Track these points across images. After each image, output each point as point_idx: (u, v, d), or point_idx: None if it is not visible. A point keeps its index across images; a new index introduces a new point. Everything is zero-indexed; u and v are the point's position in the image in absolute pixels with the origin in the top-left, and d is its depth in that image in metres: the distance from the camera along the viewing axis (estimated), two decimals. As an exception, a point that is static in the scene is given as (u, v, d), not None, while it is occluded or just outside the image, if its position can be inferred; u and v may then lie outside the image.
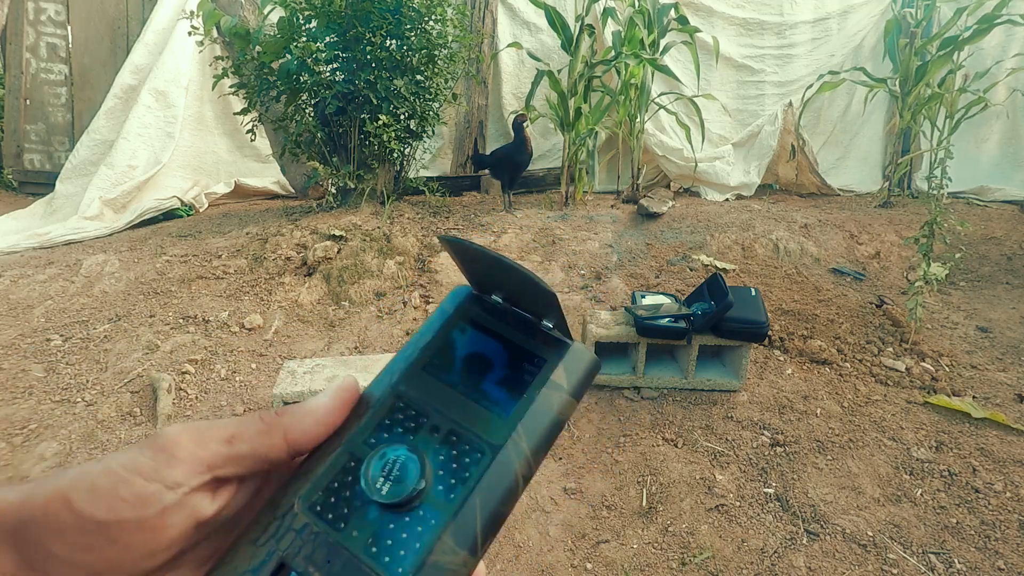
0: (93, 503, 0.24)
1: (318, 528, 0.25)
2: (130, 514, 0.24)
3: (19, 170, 4.84)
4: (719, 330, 2.06)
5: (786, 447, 1.90)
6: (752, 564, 1.49)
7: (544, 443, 0.27)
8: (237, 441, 0.26)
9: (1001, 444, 1.91)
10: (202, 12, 3.56)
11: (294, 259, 3.00)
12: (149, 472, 0.24)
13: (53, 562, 0.23)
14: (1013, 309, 2.94)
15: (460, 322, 0.30)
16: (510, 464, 0.26)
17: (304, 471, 0.27)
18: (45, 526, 0.24)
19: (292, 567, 0.24)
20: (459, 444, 0.27)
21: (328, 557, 0.24)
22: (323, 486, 0.26)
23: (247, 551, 0.25)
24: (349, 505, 0.25)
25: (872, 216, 3.84)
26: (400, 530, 0.25)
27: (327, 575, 0.24)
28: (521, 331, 0.30)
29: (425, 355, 0.29)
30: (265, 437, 0.27)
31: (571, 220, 3.64)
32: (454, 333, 0.30)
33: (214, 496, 0.26)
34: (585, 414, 2.05)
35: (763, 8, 4.76)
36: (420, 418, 0.27)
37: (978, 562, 1.49)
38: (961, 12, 4.02)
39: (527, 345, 0.29)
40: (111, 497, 0.24)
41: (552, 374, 0.28)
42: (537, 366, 0.29)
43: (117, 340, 2.39)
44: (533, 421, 0.27)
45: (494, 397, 0.28)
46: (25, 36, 4.65)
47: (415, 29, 3.37)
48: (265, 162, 4.68)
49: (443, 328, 0.30)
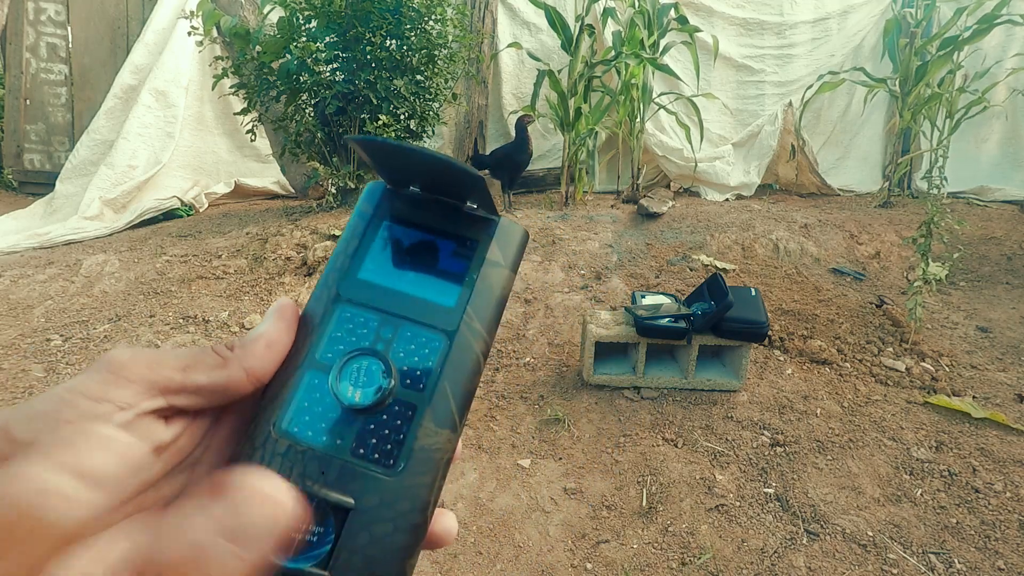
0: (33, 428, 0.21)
1: (302, 446, 0.25)
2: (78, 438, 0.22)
3: (19, 170, 4.84)
4: (719, 330, 2.06)
5: (786, 447, 1.90)
6: (752, 564, 1.49)
7: (494, 319, 0.28)
8: (192, 371, 0.25)
9: (1001, 444, 1.91)
10: (202, 12, 3.57)
11: (294, 259, 3.00)
12: (97, 393, 0.23)
13: None
14: (1013, 309, 2.94)
15: (383, 220, 0.30)
16: (468, 344, 0.27)
17: (270, 398, 0.26)
18: None
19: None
20: (415, 338, 0.27)
21: (321, 469, 0.24)
22: (295, 407, 0.26)
23: None
24: (325, 419, 0.25)
25: (872, 216, 3.84)
26: (381, 428, 0.25)
27: (324, 485, 0.24)
28: (446, 217, 0.30)
29: (357, 261, 0.29)
30: (223, 370, 0.25)
31: (571, 220, 3.64)
32: (380, 233, 0.30)
33: (168, 424, 0.25)
34: (585, 414, 2.05)
35: (763, 8, 4.76)
36: (370, 323, 0.27)
37: (978, 562, 1.49)
38: (961, 12, 4.02)
39: (455, 229, 0.29)
40: (52, 420, 0.22)
41: (488, 252, 0.29)
42: (471, 248, 0.29)
43: (117, 340, 2.39)
44: (480, 300, 0.28)
45: (437, 287, 0.28)
46: (25, 36, 4.65)
47: (415, 29, 3.37)
48: (265, 162, 4.68)
49: (367, 230, 0.30)
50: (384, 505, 0.24)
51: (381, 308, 0.28)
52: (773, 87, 4.78)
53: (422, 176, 0.29)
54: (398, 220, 0.30)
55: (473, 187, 0.28)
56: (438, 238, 0.30)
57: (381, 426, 0.25)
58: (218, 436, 0.27)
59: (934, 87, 4.19)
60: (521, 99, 4.66)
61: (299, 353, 0.27)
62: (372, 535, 0.24)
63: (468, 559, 1.50)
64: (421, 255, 0.29)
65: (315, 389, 0.26)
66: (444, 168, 0.27)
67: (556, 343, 2.48)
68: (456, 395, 0.27)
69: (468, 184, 0.28)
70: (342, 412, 0.26)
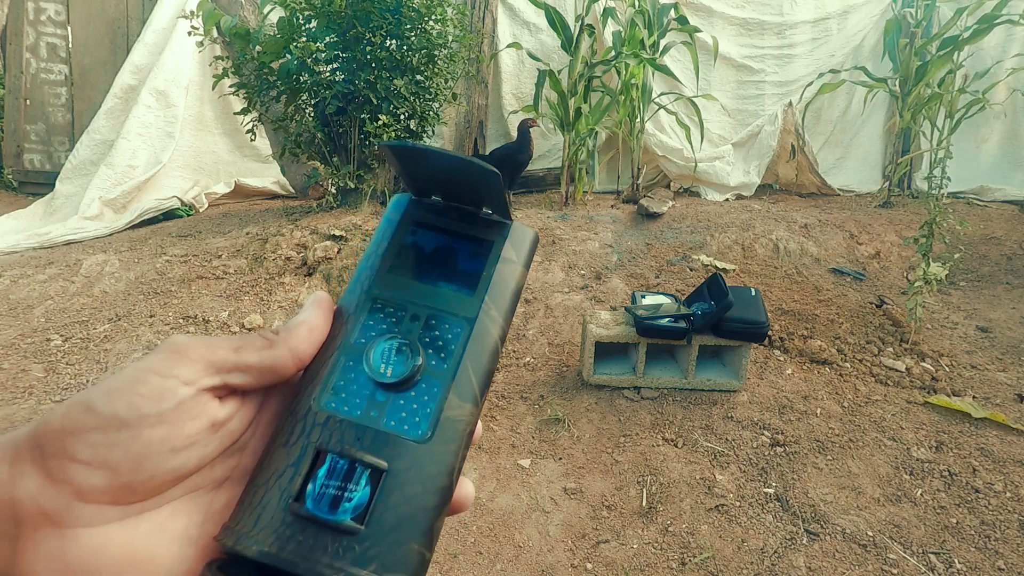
0: (113, 402, 0.25)
1: (340, 418, 0.28)
2: (150, 408, 0.25)
3: (19, 170, 4.84)
4: (719, 330, 2.06)
5: (786, 447, 1.90)
6: (752, 564, 1.49)
7: (510, 308, 0.32)
8: (243, 351, 0.28)
9: (1001, 444, 1.91)
10: (202, 12, 3.56)
11: (294, 259, 3.00)
12: (164, 370, 0.26)
13: (76, 468, 0.24)
14: (1013, 309, 2.94)
15: (409, 226, 0.33)
16: (487, 329, 0.30)
17: (309, 378, 0.29)
18: (67, 431, 0.24)
19: (329, 451, 0.27)
20: (439, 324, 0.30)
21: (357, 436, 0.27)
22: (332, 385, 0.29)
23: (281, 453, 0.27)
24: (360, 395, 0.28)
25: (872, 216, 3.84)
26: (411, 402, 0.28)
27: (361, 449, 0.27)
28: (465, 222, 0.33)
29: (386, 261, 0.32)
30: (270, 350, 0.28)
31: (571, 220, 3.64)
32: (406, 238, 0.33)
33: (222, 403, 0.28)
34: (585, 414, 2.05)
35: (763, 8, 4.76)
36: (399, 312, 0.31)
37: (978, 562, 1.49)
38: (961, 12, 4.02)
39: (474, 232, 0.33)
40: (130, 394, 0.25)
41: (502, 251, 0.32)
42: (487, 248, 0.32)
43: (117, 340, 2.39)
44: (497, 291, 0.31)
45: (458, 281, 0.32)
46: (25, 36, 4.65)
47: (415, 29, 3.37)
48: (265, 162, 4.68)
49: (395, 235, 0.33)
50: (414, 468, 0.27)
51: (408, 299, 0.31)
52: (773, 87, 4.77)
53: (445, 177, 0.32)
54: (422, 225, 0.33)
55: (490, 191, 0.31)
56: (458, 240, 0.33)
57: (410, 400, 0.28)
58: (262, 424, 0.30)
59: (934, 87, 4.19)
60: (521, 99, 4.66)
61: (335, 339, 0.30)
62: (404, 494, 0.26)
63: (468, 559, 1.50)
64: (443, 255, 0.32)
65: (351, 369, 0.29)
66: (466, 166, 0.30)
67: (556, 343, 2.48)
68: (477, 373, 0.30)
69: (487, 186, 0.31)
70: (375, 387, 0.28)
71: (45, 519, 0.24)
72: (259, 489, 0.27)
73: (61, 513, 0.24)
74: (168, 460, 0.25)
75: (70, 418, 0.24)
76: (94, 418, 0.24)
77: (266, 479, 0.27)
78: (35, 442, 0.24)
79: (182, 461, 0.26)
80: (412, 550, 0.26)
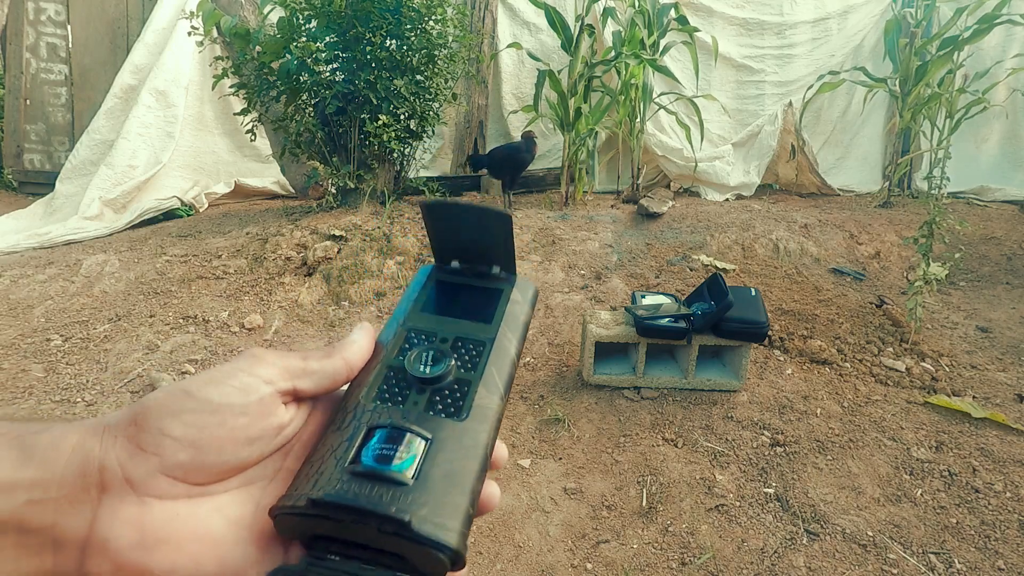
0: (208, 389, 0.29)
1: (387, 406, 0.32)
2: (237, 399, 0.29)
3: (19, 170, 4.84)
4: (719, 330, 2.06)
5: (786, 447, 1.90)
6: (752, 564, 1.49)
7: (522, 335, 0.38)
8: (309, 359, 0.33)
9: (1001, 444, 1.91)
10: (202, 12, 3.57)
11: (294, 259, 3.00)
12: (249, 369, 0.31)
13: (167, 443, 0.28)
14: (1013, 309, 2.94)
15: (434, 283, 0.41)
16: (506, 347, 0.37)
17: (358, 384, 0.34)
18: (165, 410, 0.28)
19: (379, 426, 0.31)
20: (466, 344, 0.36)
21: (403, 416, 0.32)
22: (379, 385, 0.34)
23: (336, 435, 0.31)
24: (403, 392, 0.33)
25: (872, 216, 3.84)
26: (447, 396, 0.33)
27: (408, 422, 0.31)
28: (479, 277, 0.41)
29: (417, 304, 0.39)
30: (330, 360, 0.33)
31: (571, 220, 3.64)
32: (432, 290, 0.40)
33: (286, 408, 0.32)
34: (585, 414, 2.05)
35: (763, 8, 4.76)
36: (431, 336, 0.37)
37: (978, 562, 1.49)
38: (961, 12, 4.02)
39: (487, 284, 0.40)
40: (223, 385, 0.30)
41: (512, 295, 0.40)
42: (498, 293, 0.40)
43: (117, 340, 2.39)
44: (510, 321, 0.38)
45: (477, 316, 0.38)
46: (25, 36, 4.65)
47: (415, 29, 3.36)
48: (265, 162, 4.68)
49: (423, 288, 0.40)
50: (454, 439, 0.31)
51: (438, 328, 0.37)
52: (773, 87, 4.77)
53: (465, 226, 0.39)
54: (445, 282, 0.41)
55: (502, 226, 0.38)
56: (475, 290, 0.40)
57: (446, 394, 0.33)
58: (306, 433, 0.33)
59: (934, 87, 4.19)
60: (521, 99, 4.66)
61: (378, 356, 0.36)
62: (448, 457, 0.30)
63: (468, 559, 1.50)
64: (463, 299, 0.40)
65: (393, 376, 0.34)
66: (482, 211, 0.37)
67: (556, 343, 2.48)
68: (501, 375, 0.35)
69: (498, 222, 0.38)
70: (416, 382, 0.33)
71: (127, 486, 0.27)
72: (315, 463, 0.30)
73: (144, 481, 0.27)
74: (241, 449, 0.29)
75: (169, 400, 0.29)
76: (191, 402, 0.29)
77: (321, 455, 0.30)
78: (132, 419, 0.29)
79: (249, 453, 0.30)
80: (458, 503, 0.29)
